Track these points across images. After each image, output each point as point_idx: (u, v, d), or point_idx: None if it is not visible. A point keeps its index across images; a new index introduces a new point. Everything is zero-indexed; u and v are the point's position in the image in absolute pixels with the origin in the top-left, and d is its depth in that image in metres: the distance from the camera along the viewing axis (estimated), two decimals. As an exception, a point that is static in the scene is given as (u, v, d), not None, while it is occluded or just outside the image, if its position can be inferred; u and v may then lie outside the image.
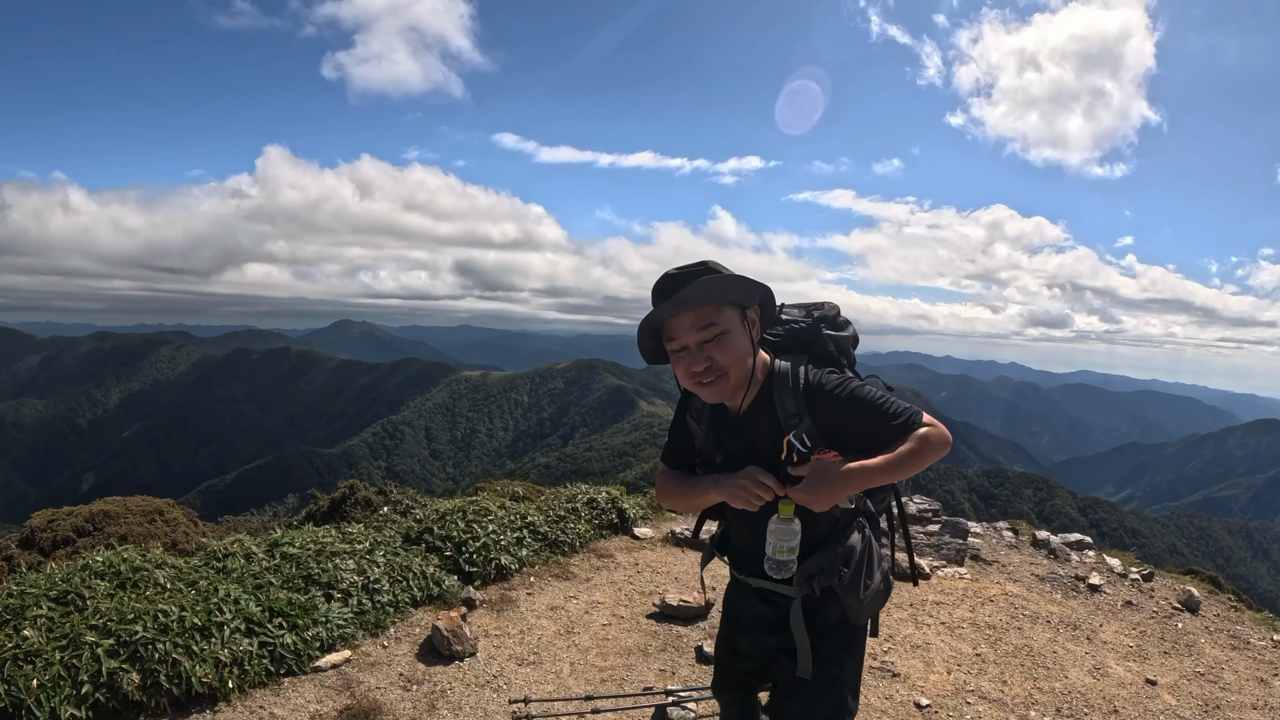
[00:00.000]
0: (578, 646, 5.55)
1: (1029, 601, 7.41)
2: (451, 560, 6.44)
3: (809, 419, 2.50)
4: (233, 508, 56.62)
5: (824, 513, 2.55)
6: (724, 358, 2.47)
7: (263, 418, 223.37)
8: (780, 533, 2.50)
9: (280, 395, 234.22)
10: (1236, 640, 7.06)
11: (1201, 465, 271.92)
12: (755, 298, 2.54)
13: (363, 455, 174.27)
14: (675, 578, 7.16)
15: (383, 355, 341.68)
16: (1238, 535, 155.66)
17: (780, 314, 2.78)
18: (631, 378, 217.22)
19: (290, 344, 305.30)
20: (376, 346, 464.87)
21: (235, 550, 5.70)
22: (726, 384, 2.51)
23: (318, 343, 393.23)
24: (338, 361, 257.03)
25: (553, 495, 8.68)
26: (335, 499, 9.20)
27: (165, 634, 4.32)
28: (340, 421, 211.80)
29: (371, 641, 5.21)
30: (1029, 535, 9.68)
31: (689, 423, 2.86)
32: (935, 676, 5.60)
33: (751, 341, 2.53)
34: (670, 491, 2.88)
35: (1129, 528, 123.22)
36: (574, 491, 8.68)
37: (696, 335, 2.48)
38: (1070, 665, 6.04)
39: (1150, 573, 8.69)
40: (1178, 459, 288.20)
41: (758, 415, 2.58)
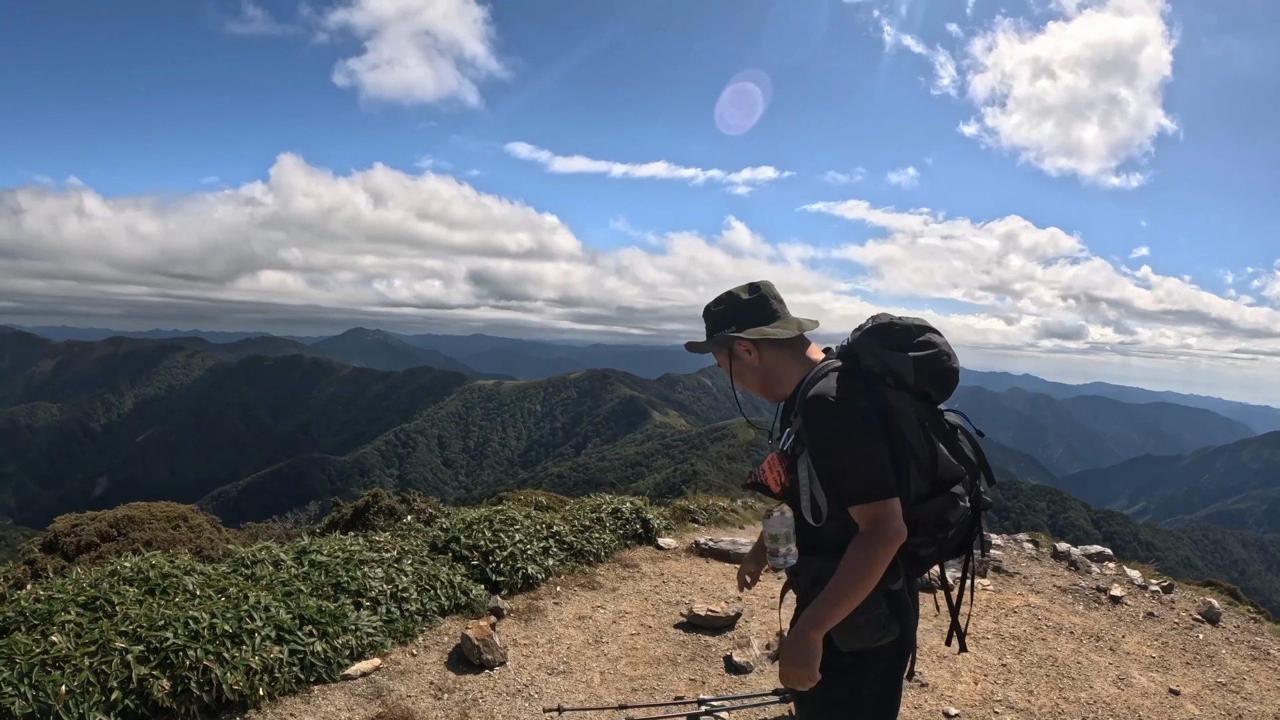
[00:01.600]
0: (607, 656, 5.58)
1: (1051, 613, 7.43)
2: (478, 569, 6.46)
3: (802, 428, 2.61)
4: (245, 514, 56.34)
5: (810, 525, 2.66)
6: (736, 378, 2.90)
7: (276, 424, 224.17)
8: (770, 524, 2.67)
9: (293, 402, 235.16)
10: (1257, 651, 7.10)
11: (1216, 478, 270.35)
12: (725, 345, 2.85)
13: (375, 463, 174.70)
14: (701, 588, 7.18)
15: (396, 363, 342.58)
16: (1252, 548, 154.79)
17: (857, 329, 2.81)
18: (645, 388, 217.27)
19: (304, 351, 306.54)
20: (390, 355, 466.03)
21: (264, 557, 5.72)
22: (764, 395, 2.89)
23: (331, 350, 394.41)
24: (351, 369, 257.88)
25: (577, 505, 8.70)
26: (358, 507, 9.23)
27: (196, 641, 4.33)
28: (353, 429, 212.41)
29: (400, 650, 5.23)
30: (1049, 547, 9.67)
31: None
32: (963, 686, 5.64)
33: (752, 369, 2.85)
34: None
35: (1143, 540, 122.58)
36: (598, 501, 8.72)
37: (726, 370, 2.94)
38: (1095, 676, 6.07)
39: (1170, 584, 8.69)
40: (1192, 471, 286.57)
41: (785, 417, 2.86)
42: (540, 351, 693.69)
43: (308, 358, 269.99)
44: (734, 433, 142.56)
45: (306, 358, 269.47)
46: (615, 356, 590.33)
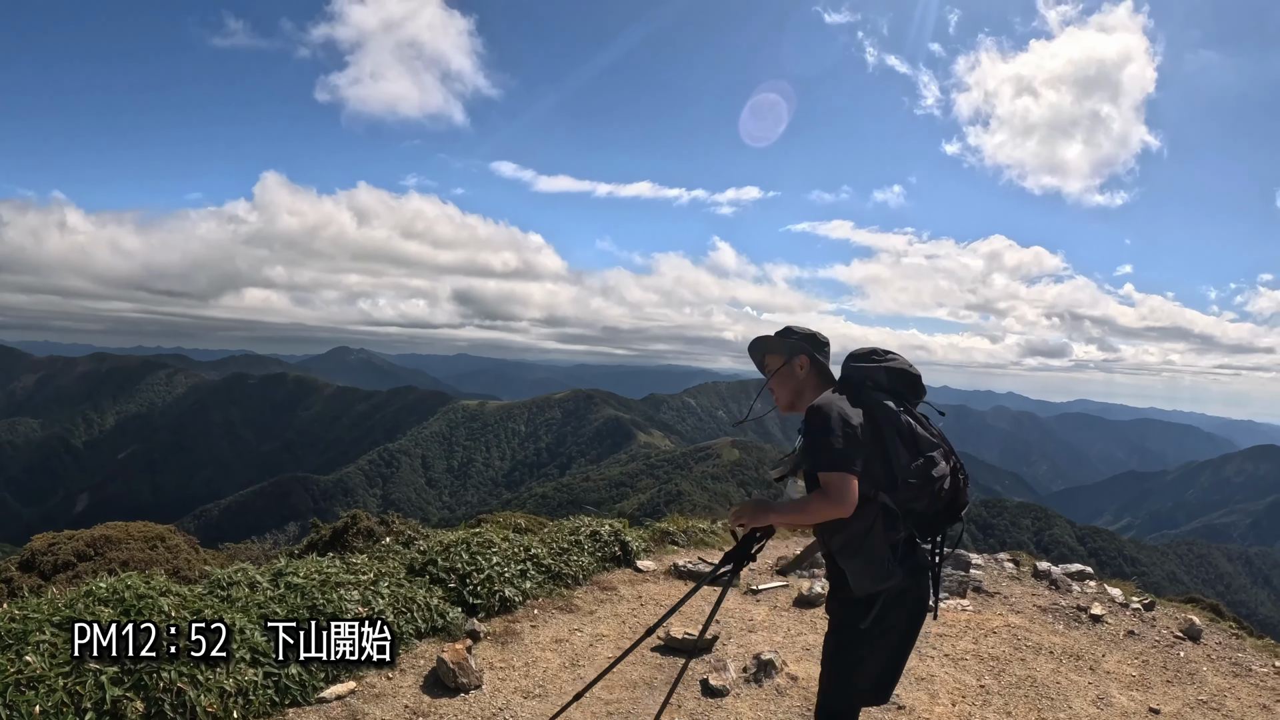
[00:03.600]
0: (583, 679, 5.52)
1: (1031, 633, 7.44)
2: (455, 592, 6.42)
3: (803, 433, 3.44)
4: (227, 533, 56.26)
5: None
6: (774, 385, 3.77)
7: (259, 443, 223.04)
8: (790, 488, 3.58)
9: (277, 421, 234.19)
10: (1239, 667, 7.12)
11: (1200, 493, 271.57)
12: (786, 353, 3.73)
13: (359, 483, 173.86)
14: (679, 610, 7.14)
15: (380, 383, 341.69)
16: (1237, 562, 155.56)
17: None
18: (629, 409, 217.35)
19: (287, 370, 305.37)
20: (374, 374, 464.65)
21: (239, 579, 5.66)
22: (782, 404, 3.75)
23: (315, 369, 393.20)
24: (335, 388, 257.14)
25: (555, 528, 8.67)
26: (337, 529, 9.18)
27: (171, 662, 4.30)
28: (336, 449, 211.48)
29: (376, 673, 5.19)
30: (1030, 566, 9.69)
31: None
32: (940, 709, 5.62)
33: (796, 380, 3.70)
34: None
35: (1128, 556, 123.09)
36: (576, 524, 8.68)
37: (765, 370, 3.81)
38: (1074, 696, 6.08)
39: (1151, 602, 8.72)
40: (1176, 487, 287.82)
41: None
42: (525, 372, 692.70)
43: (292, 376, 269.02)
44: (718, 453, 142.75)
45: (290, 376, 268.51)
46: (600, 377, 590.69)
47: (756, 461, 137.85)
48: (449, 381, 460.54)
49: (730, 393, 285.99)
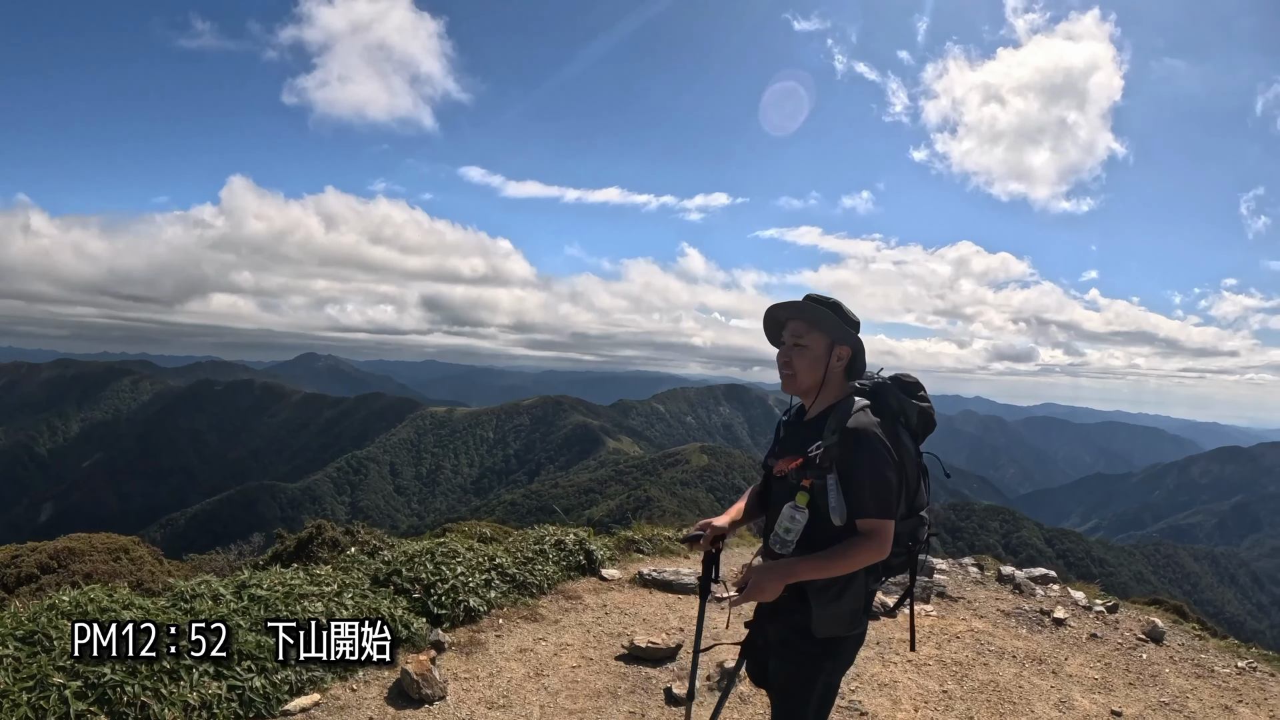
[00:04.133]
0: (547, 689, 5.53)
1: (995, 637, 7.51)
2: (420, 602, 6.37)
3: (836, 445, 3.14)
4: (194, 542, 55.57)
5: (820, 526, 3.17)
6: (799, 363, 3.34)
7: (225, 450, 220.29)
8: (790, 516, 3.17)
9: (244, 428, 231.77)
10: (1201, 669, 7.24)
11: (1166, 494, 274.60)
12: (843, 339, 3.33)
13: (326, 491, 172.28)
14: (644, 619, 7.16)
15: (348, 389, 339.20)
16: (1204, 561, 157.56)
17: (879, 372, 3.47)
18: (598, 415, 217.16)
19: (254, 376, 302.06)
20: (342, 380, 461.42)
21: (202, 591, 5.60)
22: (794, 383, 3.37)
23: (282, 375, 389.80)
24: (302, 395, 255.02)
25: (520, 537, 8.63)
26: (302, 539, 9.13)
27: (134, 676, 4.28)
28: (304, 456, 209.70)
29: (341, 685, 5.15)
30: (994, 570, 9.77)
31: (780, 424, 3.61)
32: (902, 715, 5.67)
33: (827, 366, 3.33)
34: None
35: (1095, 557, 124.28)
36: (541, 533, 8.64)
37: (792, 339, 3.37)
38: (1036, 700, 6.14)
39: (1115, 604, 8.83)
40: (1142, 488, 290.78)
41: (817, 424, 3.30)
42: (493, 378, 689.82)
43: (258, 383, 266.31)
44: (687, 458, 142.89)
45: (257, 383, 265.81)
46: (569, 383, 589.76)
47: (726, 467, 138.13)
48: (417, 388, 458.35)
49: (699, 399, 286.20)
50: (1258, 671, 7.36)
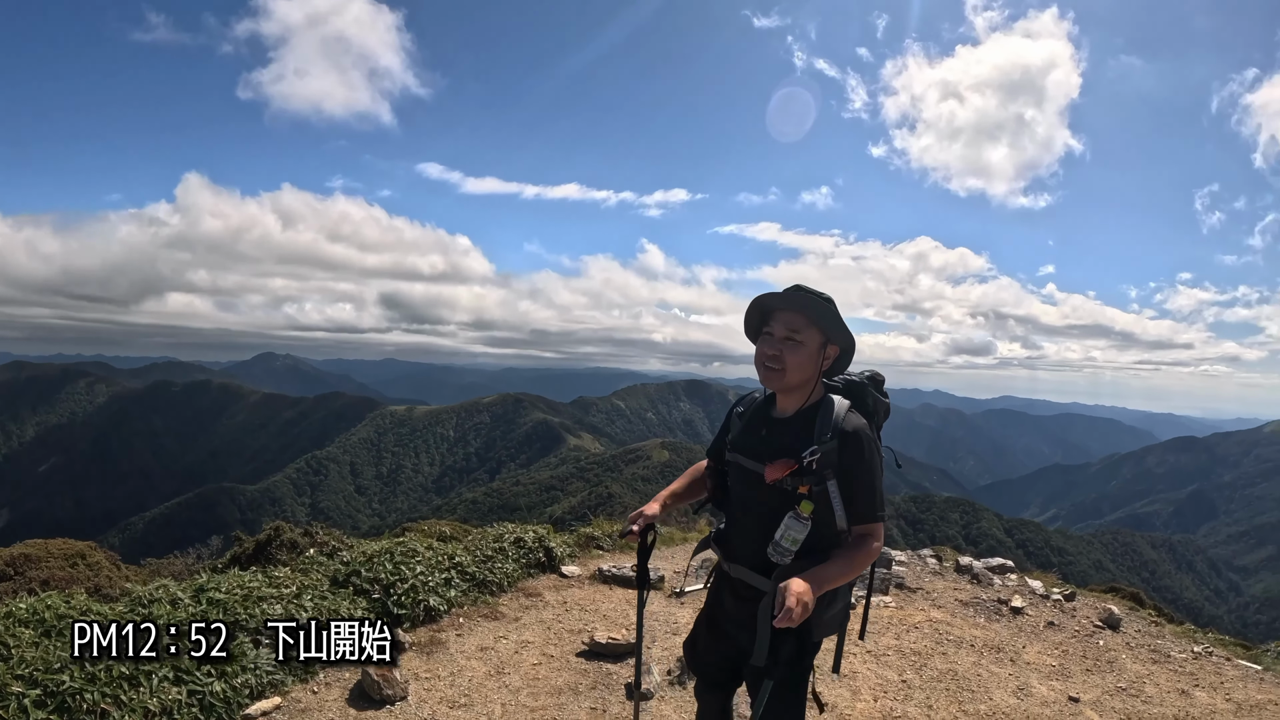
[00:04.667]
0: (509, 687, 5.52)
1: (953, 627, 7.60)
2: (380, 603, 6.31)
3: (835, 449, 3.04)
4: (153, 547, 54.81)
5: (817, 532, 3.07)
6: (790, 358, 3.13)
7: (183, 453, 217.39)
8: (794, 526, 3.04)
9: (202, 430, 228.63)
10: (1157, 654, 7.38)
11: (1123, 483, 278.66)
12: (837, 340, 3.20)
13: (286, 492, 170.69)
14: (604, 615, 7.16)
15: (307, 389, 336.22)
16: (1161, 549, 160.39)
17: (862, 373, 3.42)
18: (559, 412, 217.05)
19: (212, 377, 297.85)
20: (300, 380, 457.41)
21: (160, 596, 5.51)
22: (782, 378, 3.16)
23: (240, 375, 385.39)
24: (261, 395, 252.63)
25: (480, 535, 8.59)
26: (260, 541, 9.03)
27: (93, 683, 4.23)
28: (263, 457, 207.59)
29: (301, 687, 5.10)
30: (952, 561, 9.88)
31: (733, 417, 3.47)
32: (862, 705, 5.72)
33: (817, 366, 3.19)
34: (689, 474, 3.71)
35: (1055, 546, 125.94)
36: (501, 531, 8.60)
37: (784, 331, 3.15)
38: (995, 687, 6.23)
39: (1072, 593, 8.97)
40: (1100, 478, 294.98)
41: (797, 424, 3.17)
42: (453, 376, 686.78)
43: (216, 383, 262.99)
44: (648, 454, 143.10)
45: (215, 383, 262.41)
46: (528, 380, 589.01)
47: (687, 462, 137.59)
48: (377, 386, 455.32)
49: (659, 394, 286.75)
50: (1213, 656, 7.54)
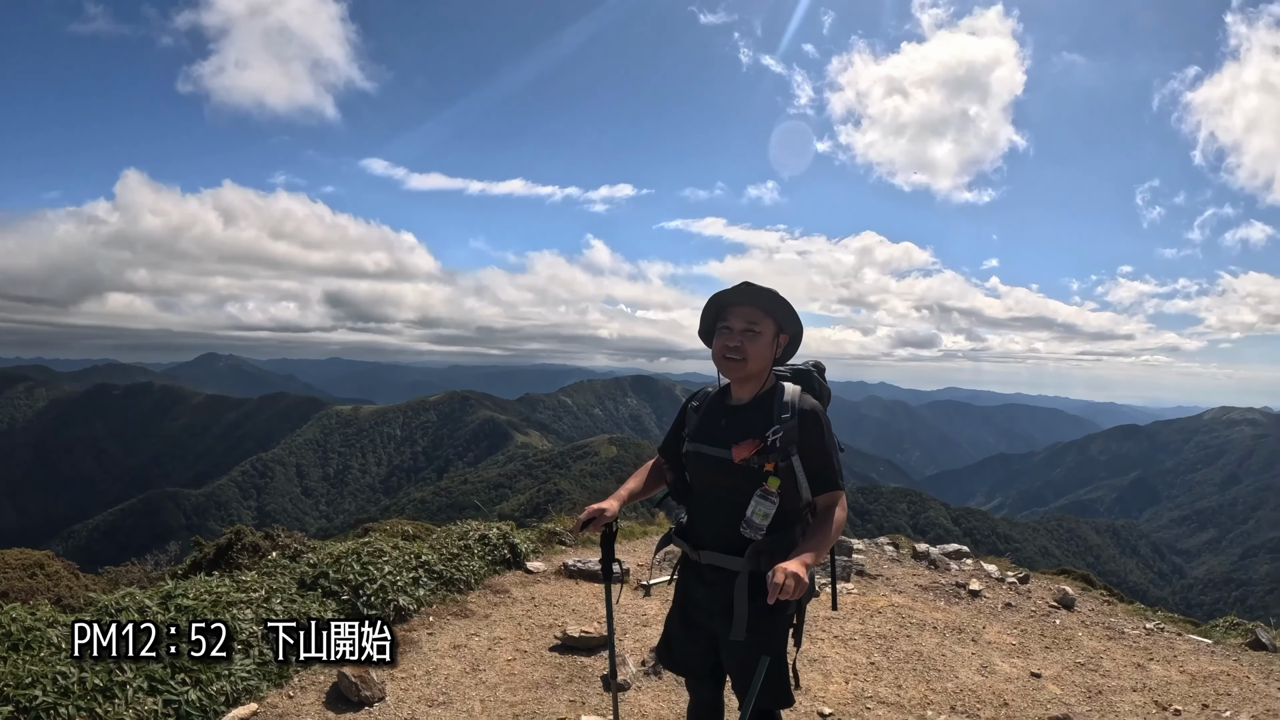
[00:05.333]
0: (486, 684, 5.55)
1: (915, 610, 7.79)
2: (349, 604, 6.27)
3: (795, 427, 3.27)
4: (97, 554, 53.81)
5: (781, 507, 3.26)
6: (750, 349, 3.33)
7: (126, 457, 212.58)
8: (762, 502, 3.22)
9: (144, 433, 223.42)
10: (1112, 631, 7.65)
11: (1067, 471, 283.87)
12: (789, 328, 3.42)
13: (232, 496, 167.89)
14: (572, 609, 7.22)
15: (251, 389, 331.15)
16: (1105, 534, 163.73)
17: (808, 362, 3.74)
18: (505, 410, 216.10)
19: (154, 379, 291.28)
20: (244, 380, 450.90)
21: (127, 604, 5.39)
22: (744, 367, 3.34)
23: (183, 377, 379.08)
24: (204, 397, 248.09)
25: (444, 533, 8.57)
26: (221, 545, 8.92)
27: (66, 697, 4.15)
28: (207, 460, 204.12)
29: (277, 693, 5.07)
30: (909, 548, 10.06)
31: (688, 411, 3.66)
32: (835, 687, 5.87)
33: (772, 353, 3.41)
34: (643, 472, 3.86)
35: (1001, 534, 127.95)
36: (465, 528, 8.59)
37: (743, 324, 3.35)
38: (959, 666, 6.43)
39: (1026, 575, 9.20)
40: (1044, 467, 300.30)
41: (754, 409, 3.38)
42: (399, 375, 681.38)
43: (158, 385, 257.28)
44: (596, 450, 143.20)
45: (157, 385, 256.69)
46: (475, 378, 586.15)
47: (635, 458, 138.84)
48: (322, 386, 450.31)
49: (606, 390, 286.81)
50: (1165, 632, 7.82)
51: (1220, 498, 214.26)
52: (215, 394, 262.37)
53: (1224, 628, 8.26)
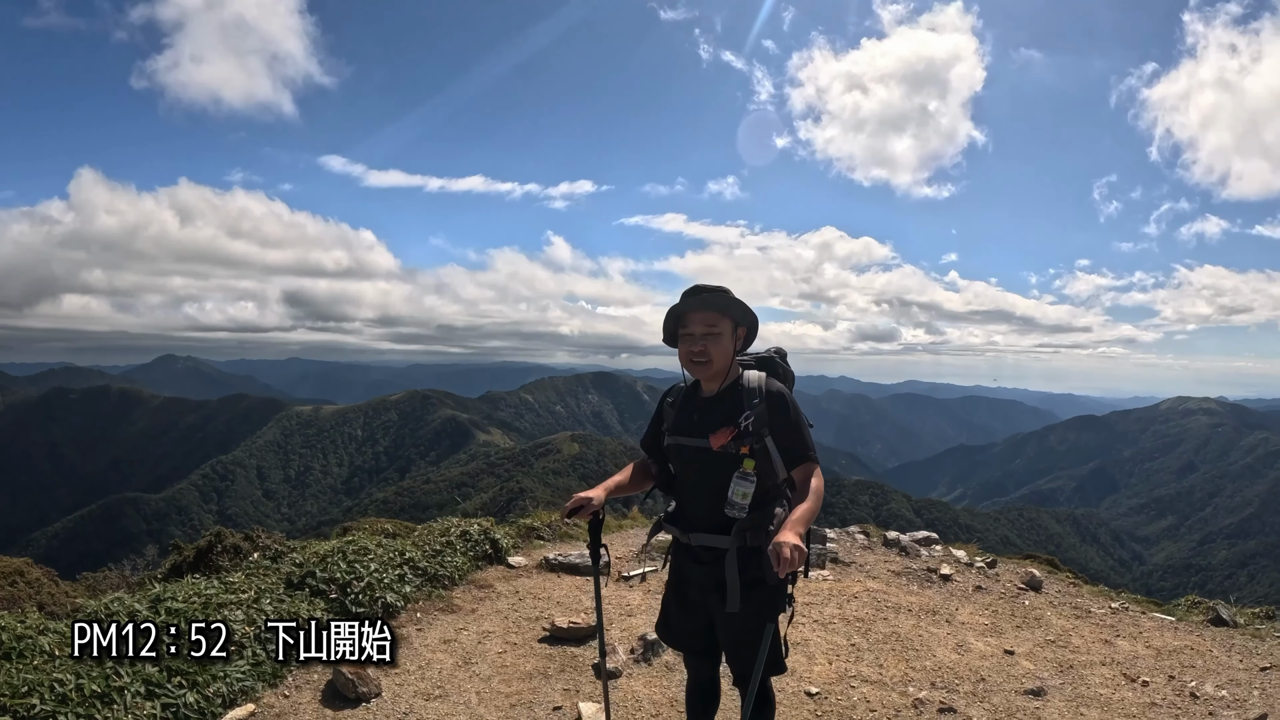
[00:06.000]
0: (480, 676, 5.65)
1: (890, 594, 8.04)
2: (337, 602, 6.31)
3: (765, 410, 3.56)
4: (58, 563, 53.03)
5: (761, 485, 3.56)
6: (713, 350, 3.60)
7: (84, 463, 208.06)
8: (741, 483, 3.52)
9: (102, 438, 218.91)
10: (1079, 610, 7.96)
11: (1026, 462, 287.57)
12: (746, 321, 3.70)
13: (192, 500, 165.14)
14: (557, 602, 7.32)
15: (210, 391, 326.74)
16: (1065, 523, 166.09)
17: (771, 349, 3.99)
18: (467, 408, 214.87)
19: (111, 382, 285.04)
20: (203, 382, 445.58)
21: (117, 609, 5.34)
22: (710, 367, 3.62)
23: (141, 380, 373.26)
24: (162, 399, 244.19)
25: (426, 530, 8.63)
26: (201, 548, 8.92)
27: (64, 704, 4.16)
28: (167, 464, 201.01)
29: (272, 693, 5.09)
30: (880, 536, 10.28)
31: (665, 407, 3.92)
32: (819, 668, 6.09)
33: (733, 347, 3.67)
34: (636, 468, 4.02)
35: (963, 524, 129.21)
36: (447, 525, 8.65)
37: (702, 329, 3.62)
38: (936, 645, 6.70)
39: (994, 560, 9.50)
40: (1004, 457, 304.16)
41: (725, 399, 3.66)
42: (359, 374, 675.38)
43: (116, 388, 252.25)
44: (558, 448, 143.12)
45: (114, 388, 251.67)
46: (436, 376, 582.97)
47: (597, 455, 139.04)
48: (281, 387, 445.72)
49: (567, 387, 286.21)
50: (1130, 611, 8.13)
51: (1177, 486, 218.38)
52: (174, 396, 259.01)
53: (1185, 606, 8.58)
